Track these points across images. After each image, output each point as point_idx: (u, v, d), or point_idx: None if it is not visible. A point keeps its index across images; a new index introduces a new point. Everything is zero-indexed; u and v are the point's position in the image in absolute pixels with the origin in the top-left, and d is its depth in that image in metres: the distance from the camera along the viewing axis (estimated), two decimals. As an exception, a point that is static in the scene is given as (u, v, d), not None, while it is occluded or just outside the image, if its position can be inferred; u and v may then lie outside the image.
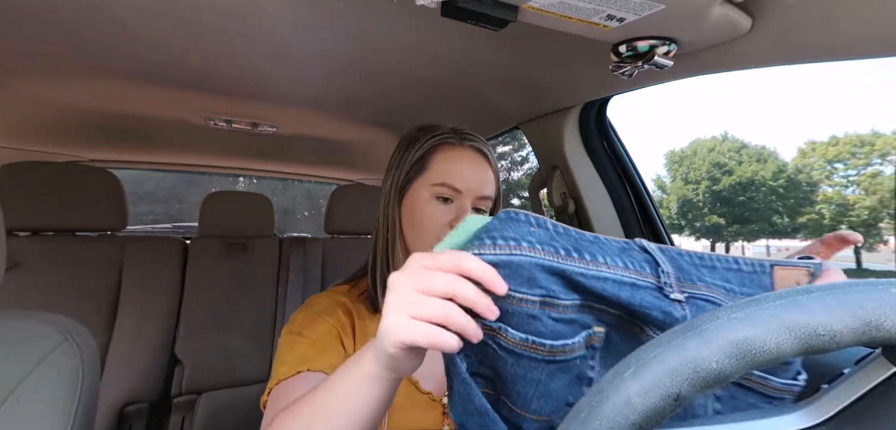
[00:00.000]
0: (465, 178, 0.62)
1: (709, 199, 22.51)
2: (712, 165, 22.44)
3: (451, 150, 0.64)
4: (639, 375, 0.23)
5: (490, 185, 0.64)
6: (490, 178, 0.65)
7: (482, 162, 0.65)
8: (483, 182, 0.63)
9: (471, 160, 0.64)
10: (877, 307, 0.22)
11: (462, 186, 0.62)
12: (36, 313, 0.54)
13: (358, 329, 0.63)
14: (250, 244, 1.59)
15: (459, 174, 0.62)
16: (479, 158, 0.65)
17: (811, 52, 0.57)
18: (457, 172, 0.62)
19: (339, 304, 0.64)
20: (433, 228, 0.61)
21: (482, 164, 0.64)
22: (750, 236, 22.85)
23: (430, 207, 0.62)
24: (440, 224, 0.61)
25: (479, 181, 0.63)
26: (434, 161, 0.64)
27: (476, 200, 0.63)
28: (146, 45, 0.81)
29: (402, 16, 0.65)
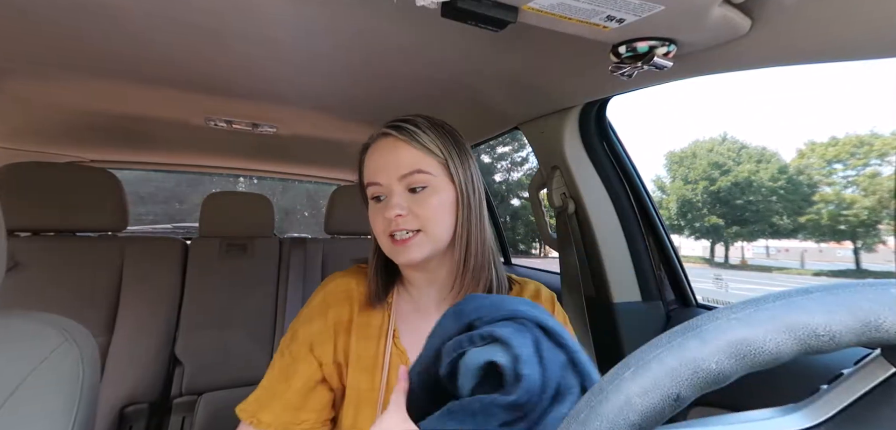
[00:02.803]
0: (379, 168, 0.60)
1: (708, 199, 22.53)
2: (711, 166, 22.46)
3: (370, 149, 0.64)
4: (639, 375, 0.23)
5: (408, 159, 0.59)
6: (407, 153, 0.60)
7: (393, 142, 0.61)
8: (398, 161, 0.59)
9: (382, 148, 0.62)
10: (876, 308, 0.22)
11: (380, 178, 0.60)
12: (36, 313, 0.54)
13: (356, 324, 0.64)
14: (250, 245, 1.59)
15: (374, 168, 0.61)
16: (389, 140, 0.61)
17: (810, 53, 0.57)
18: (372, 167, 0.62)
19: (346, 295, 0.65)
20: (379, 228, 0.61)
21: (393, 144, 0.61)
22: (749, 237, 22.86)
23: (372, 211, 0.63)
24: (381, 225, 0.60)
25: (394, 162, 0.60)
26: (364, 169, 0.64)
27: (400, 181, 0.59)
28: (147, 46, 0.81)
29: (402, 16, 0.66)
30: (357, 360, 0.62)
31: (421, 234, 0.59)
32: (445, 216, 0.60)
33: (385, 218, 0.59)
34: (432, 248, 0.60)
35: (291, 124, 1.42)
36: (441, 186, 0.60)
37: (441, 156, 0.60)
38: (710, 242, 23.27)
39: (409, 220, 0.58)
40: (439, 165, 0.60)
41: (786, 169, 22.11)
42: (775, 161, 22.32)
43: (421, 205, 0.59)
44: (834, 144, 21.64)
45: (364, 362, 0.62)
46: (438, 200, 0.59)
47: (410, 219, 0.58)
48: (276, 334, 1.56)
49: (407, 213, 0.58)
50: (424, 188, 0.59)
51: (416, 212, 0.58)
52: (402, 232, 0.59)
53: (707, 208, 22.52)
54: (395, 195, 0.59)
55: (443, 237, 0.60)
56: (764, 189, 21.75)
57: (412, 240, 0.59)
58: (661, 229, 1.10)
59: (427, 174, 0.59)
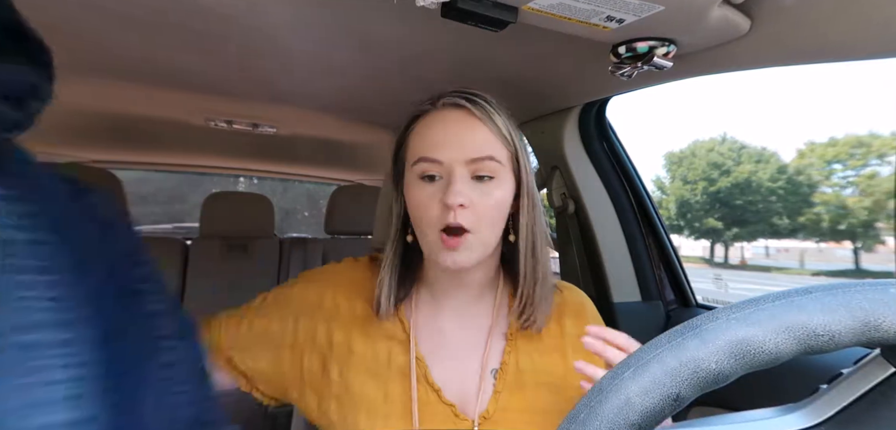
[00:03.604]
0: (442, 142, 0.50)
1: (707, 200, 22.55)
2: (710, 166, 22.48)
3: (425, 118, 0.54)
4: (638, 375, 0.23)
5: (483, 142, 0.50)
6: (481, 134, 0.51)
7: (464, 117, 0.51)
8: (469, 141, 0.50)
9: (449, 120, 0.52)
10: (875, 308, 0.22)
11: (440, 155, 0.50)
12: None
13: (361, 319, 0.56)
14: (251, 245, 1.60)
15: (434, 141, 0.51)
16: (460, 113, 0.52)
17: (810, 54, 0.57)
18: (430, 140, 0.51)
19: (358, 286, 0.58)
20: (427, 216, 0.51)
21: (465, 119, 0.51)
22: (749, 237, 22.87)
23: (417, 193, 0.52)
24: (433, 211, 0.50)
25: (461, 141, 0.50)
26: (411, 139, 0.54)
27: (468, 165, 0.50)
28: (147, 47, 0.81)
29: (402, 17, 0.66)
30: (360, 361, 0.54)
31: (470, 236, 0.49)
32: (502, 217, 0.52)
33: (443, 204, 0.49)
34: (481, 253, 0.52)
35: (291, 124, 1.42)
36: (506, 180, 0.52)
37: (512, 144, 0.52)
38: (710, 242, 23.29)
39: (468, 215, 0.49)
40: (509, 154, 0.52)
41: (785, 169, 22.12)
42: (775, 161, 22.34)
43: (484, 199, 0.50)
44: (833, 145, 21.66)
45: (368, 364, 0.54)
46: (502, 197, 0.51)
47: (469, 214, 0.49)
48: (276, 335, 1.56)
49: (469, 204, 0.49)
50: (491, 179, 0.50)
51: (477, 206, 0.49)
52: (455, 228, 0.49)
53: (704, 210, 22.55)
54: (458, 180, 0.49)
55: (493, 242, 0.53)
56: (763, 189, 21.77)
57: (464, 239, 0.49)
58: (660, 229, 1.10)
59: (497, 164, 0.50)
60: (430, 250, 0.52)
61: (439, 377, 0.54)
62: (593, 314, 0.63)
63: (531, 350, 0.57)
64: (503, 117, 0.53)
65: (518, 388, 0.55)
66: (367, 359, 0.54)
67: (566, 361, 0.57)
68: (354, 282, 0.59)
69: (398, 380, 0.54)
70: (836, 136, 23.82)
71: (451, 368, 0.55)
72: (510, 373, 0.55)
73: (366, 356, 0.55)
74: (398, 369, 0.54)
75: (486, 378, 0.55)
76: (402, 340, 0.56)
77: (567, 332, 0.59)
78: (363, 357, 0.54)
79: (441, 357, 0.56)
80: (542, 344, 0.58)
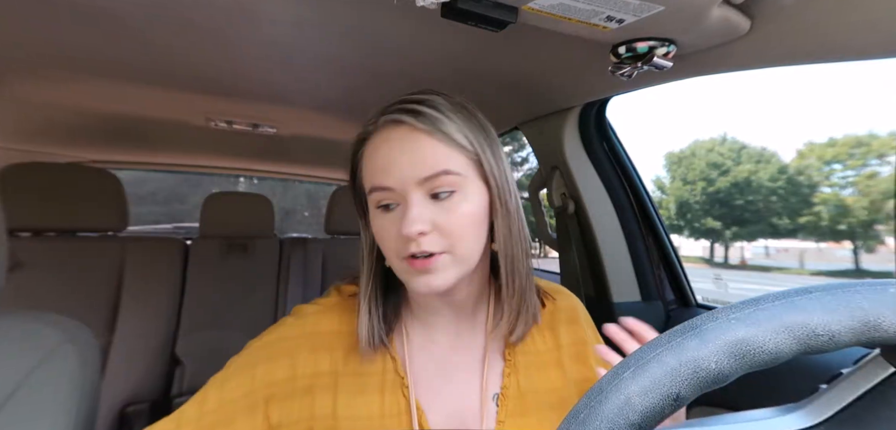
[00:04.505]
0: (389, 167, 0.45)
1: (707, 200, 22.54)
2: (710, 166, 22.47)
3: (371, 140, 0.47)
4: (638, 375, 0.23)
5: (433, 157, 0.44)
6: (429, 148, 0.44)
7: (408, 133, 0.45)
8: (418, 159, 0.44)
9: (392, 140, 0.45)
10: (875, 308, 0.22)
11: (389, 181, 0.44)
12: (37, 313, 0.54)
13: (343, 374, 0.49)
14: (251, 245, 1.60)
15: (382, 167, 0.45)
16: (403, 130, 0.45)
17: (810, 54, 0.57)
18: (378, 166, 0.46)
19: (326, 339, 0.51)
20: (389, 247, 0.46)
21: (409, 135, 0.44)
22: (749, 237, 22.86)
23: (378, 222, 0.47)
24: (393, 243, 0.45)
25: (411, 161, 0.44)
26: (361, 166, 0.49)
27: (422, 185, 0.44)
28: (147, 46, 0.81)
29: (402, 17, 0.66)
30: (350, 424, 0.47)
31: (446, 255, 0.45)
32: (478, 229, 0.46)
33: (401, 235, 0.44)
34: (461, 271, 0.46)
35: (291, 125, 1.42)
36: (472, 190, 0.46)
37: (472, 149, 0.45)
38: (710, 242, 23.27)
39: (433, 239, 0.44)
40: (469, 161, 0.46)
41: (785, 169, 22.12)
42: (775, 161, 22.34)
43: (448, 217, 0.44)
44: (832, 145, 21.65)
45: (362, 423, 0.47)
46: (470, 209, 0.45)
47: (435, 237, 0.44)
48: (276, 334, 1.56)
49: (431, 228, 0.44)
50: (452, 193, 0.45)
51: (443, 226, 0.44)
52: (421, 254, 0.44)
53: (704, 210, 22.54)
54: (413, 205, 0.43)
55: (473, 257, 0.47)
56: (763, 189, 21.77)
57: (436, 261, 0.44)
58: (660, 229, 1.10)
59: (456, 176, 0.44)
60: (403, 277, 0.48)
61: (438, 417, 0.49)
62: (586, 319, 0.59)
63: (530, 367, 0.53)
64: (458, 121, 0.46)
65: (521, 414, 0.50)
66: (355, 419, 0.48)
67: (565, 374, 0.54)
68: (326, 332, 0.51)
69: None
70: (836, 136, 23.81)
71: (450, 401, 0.51)
72: (512, 398, 0.51)
73: (356, 416, 0.48)
74: (393, 421, 0.48)
75: (488, 405, 0.50)
76: (393, 381, 0.50)
77: (562, 342, 0.56)
78: (350, 419, 0.48)
79: (437, 390, 0.51)
80: (540, 359, 0.54)
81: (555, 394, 0.53)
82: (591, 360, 0.55)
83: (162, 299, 1.40)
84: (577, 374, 0.55)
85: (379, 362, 0.51)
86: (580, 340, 0.56)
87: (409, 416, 0.48)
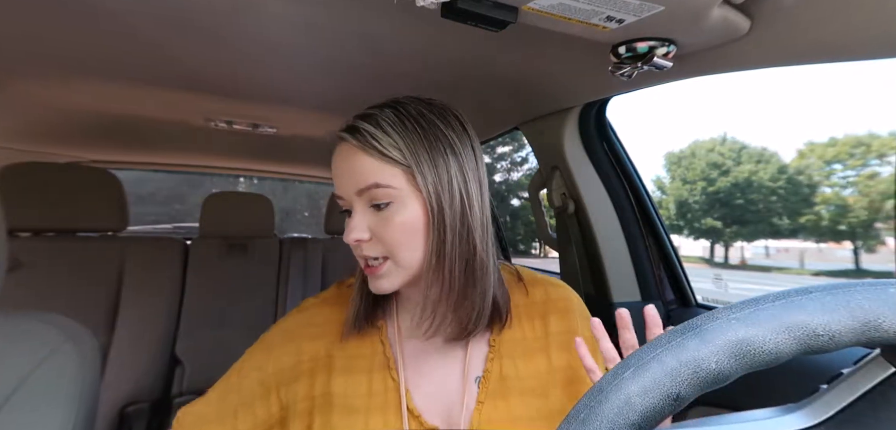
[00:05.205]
0: (337, 177, 0.52)
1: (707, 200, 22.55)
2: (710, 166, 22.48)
3: (333, 155, 0.53)
4: (638, 375, 0.23)
5: (365, 170, 0.48)
6: (363, 162, 0.48)
7: (348, 149, 0.50)
8: (354, 172, 0.49)
9: (339, 155, 0.52)
10: (876, 307, 0.22)
11: (339, 190, 0.51)
12: (37, 313, 0.54)
13: (338, 357, 0.54)
14: (251, 245, 1.60)
15: (335, 177, 0.52)
16: (345, 146, 0.50)
17: (810, 54, 0.57)
18: (334, 176, 0.52)
19: (324, 327, 0.56)
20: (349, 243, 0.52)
21: (349, 150, 0.50)
22: (749, 237, 22.87)
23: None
24: (349, 240, 0.51)
25: (349, 173, 0.49)
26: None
27: (360, 197, 0.49)
28: (147, 46, 0.81)
29: (401, 17, 0.66)
30: (341, 400, 0.52)
31: (389, 262, 0.50)
32: (415, 238, 0.49)
33: (346, 236, 0.50)
34: (404, 276, 0.50)
35: (291, 125, 1.42)
36: (408, 201, 0.49)
37: (404, 162, 0.48)
38: (710, 242, 23.28)
39: (373, 246, 0.49)
40: (404, 173, 0.48)
41: (785, 169, 22.12)
42: (775, 161, 22.34)
43: (385, 226, 0.48)
44: (833, 145, 21.66)
45: (352, 401, 0.52)
46: (404, 219, 0.48)
47: (374, 244, 0.49)
48: (276, 334, 1.56)
49: (370, 236, 0.49)
50: (389, 204, 0.48)
51: (380, 235, 0.49)
52: (364, 260, 0.50)
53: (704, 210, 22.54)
54: (356, 214, 0.50)
55: (414, 263, 0.50)
56: (764, 189, 21.77)
57: (381, 268, 0.50)
58: (660, 229, 1.10)
59: (388, 188, 0.48)
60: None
61: (421, 397, 0.53)
62: (581, 311, 0.60)
63: (515, 354, 0.56)
64: (394, 135, 0.48)
65: (501, 396, 0.53)
66: (347, 396, 0.52)
67: (551, 362, 0.56)
68: (325, 321, 0.57)
69: (379, 412, 0.52)
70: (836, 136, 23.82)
71: (434, 382, 0.54)
72: (493, 381, 0.54)
73: (346, 394, 0.53)
74: (379, 398, 0.53)
75: (470, 388, 0.54)
76: (381, 363, 0.55)
77: (551, 330, 0.57)
78: (343, 396, 0.52)
79: (423, 372, 0.55)
80: (526, 346, 0.56)
81: (537, 380, 0.55)
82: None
83: (162, 299, 1.40)
84: (562, 362, 0.56)
85: (369, 346, 0.56)
86: (570, 330, 0.58)
87: (396, 394, 0.52)
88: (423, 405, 0.53)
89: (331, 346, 0.55)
